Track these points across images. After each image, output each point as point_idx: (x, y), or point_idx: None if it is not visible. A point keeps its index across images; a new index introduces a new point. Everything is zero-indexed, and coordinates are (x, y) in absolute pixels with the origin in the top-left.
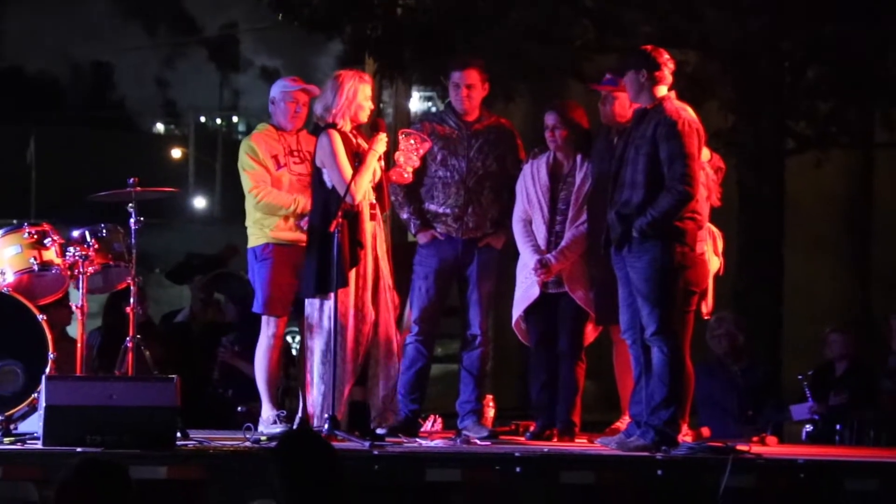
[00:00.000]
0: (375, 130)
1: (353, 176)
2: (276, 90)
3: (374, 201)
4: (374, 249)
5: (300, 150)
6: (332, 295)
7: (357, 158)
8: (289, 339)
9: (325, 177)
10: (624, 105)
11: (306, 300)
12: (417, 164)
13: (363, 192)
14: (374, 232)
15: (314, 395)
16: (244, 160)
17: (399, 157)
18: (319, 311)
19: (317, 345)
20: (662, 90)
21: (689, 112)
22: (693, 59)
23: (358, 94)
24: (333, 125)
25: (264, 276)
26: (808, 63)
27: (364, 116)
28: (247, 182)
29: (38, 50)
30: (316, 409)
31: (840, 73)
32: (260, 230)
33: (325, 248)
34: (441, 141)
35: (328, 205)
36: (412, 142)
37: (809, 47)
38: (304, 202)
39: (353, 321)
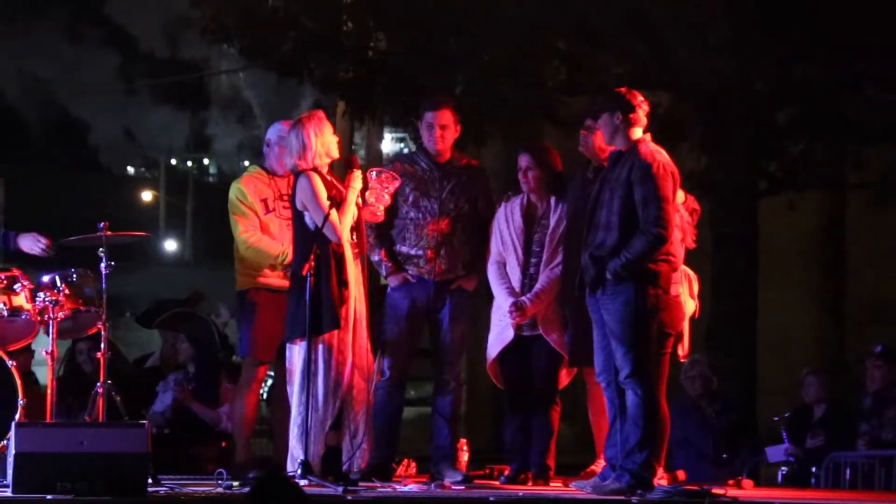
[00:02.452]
0: (349, 168)
1: (338, 215)
2: (272, 133)
3: (354, 241)
4: (359, 290)
5: (291, 195)
6: (310, 338)
7: (333, 201)
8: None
9: (308, 219)
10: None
11: (287, 345)
12: (388, 202)
13: (347, 230)
14: (355, 273)
15: (294, 440)
16: (234, 204)
17: (370, 196)
18: (299, 354)
19: (295, 389)
20: (637, 132)
21: (664, 155)
22: (665, 100)
23: (323, 132)
24: (312, 168)
25: (251, 320)
26: (779, 104)
27: (335, 150)
28: (236, 226)
29: (7, 90)
30: (295, 454)
31: (811, 114)
32: (248, 275)
33: (302, 292)
34: (413, 182)
35: (312, 247)
36: (382, 180)
37: (780, 88)
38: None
39: (335, 363)
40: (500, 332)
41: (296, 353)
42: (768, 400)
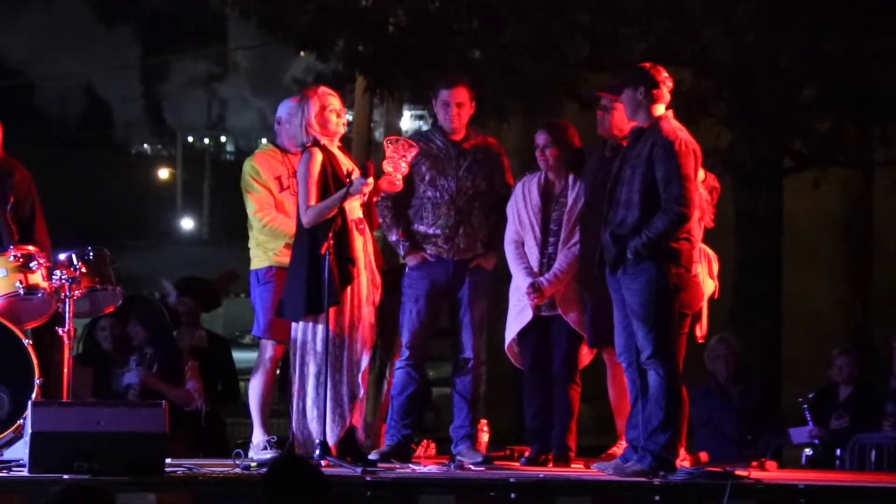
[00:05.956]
0: (365, 175)
1: (317, 202)
2: (282, 110)
3: (361, 216)
4: (369, 266)
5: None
6: (324, 316)
7: (334, 179)
8: None
9: None
10: (623, 118)
11: (294, 323)
12: (406, 170)
13: (314, 222)
14: (364, 247)
15: (309, 420)
16: (247, 182)
17: (387, 165)
18: (312, 333)
19: (310, 368)
20: (660, 109)
21: (685, 132)
22: (688, 76)
23: (325, 106)
24: (315, 143)
25: (267, 299)
26: (806, 81)
27: (334, 126)
28: (251, 205)
29: (24, 68)
30: (313, 435)
31: (838, 91)
32: (263, 253)
33: (313, 269)
34: (429, 161)
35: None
36: (398, 149)
37: (806, 65)
38: None
39: (349, 341)
40: (519, 313)
41: (299, 332)
42: (792, 381)
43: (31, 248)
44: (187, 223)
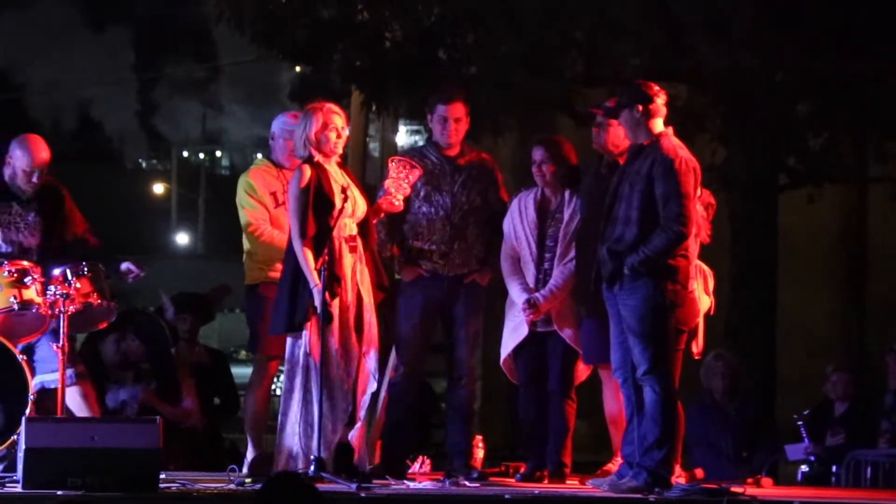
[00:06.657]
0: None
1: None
2: (276, 126)
3: (355, 234)
4: (356, 284)
5: None
6: (307, 332)
7: (343, 194)
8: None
9: None
10: (618, 134)
11: (288, 338)
12: (408, 191)
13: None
14: (353, 265)
15: (288, 435)
16: (242, 197)
17: (389, 185)
18: (296, 348)
19: (297, 384)
20: (658, 124)
21: (686, 150)
22: (683, 92)
23: (327, 124)
24: (309, 159)
25: (261, 315)
26: (801, 97)
27: (332, 146)
28: (245, 220)
29: (17, 79)
30: (295, 449)
31: (833, 107)
32: (258, 268)
33: (294, 284)
34: (424, 177)
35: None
36: (402, 169)
37: (802, 81)
38: None
39: (338, 358)
40: (515, 328)
41: (290, 347)
42: (788, 396)
43: (25, 263)
44: (182, 238)
